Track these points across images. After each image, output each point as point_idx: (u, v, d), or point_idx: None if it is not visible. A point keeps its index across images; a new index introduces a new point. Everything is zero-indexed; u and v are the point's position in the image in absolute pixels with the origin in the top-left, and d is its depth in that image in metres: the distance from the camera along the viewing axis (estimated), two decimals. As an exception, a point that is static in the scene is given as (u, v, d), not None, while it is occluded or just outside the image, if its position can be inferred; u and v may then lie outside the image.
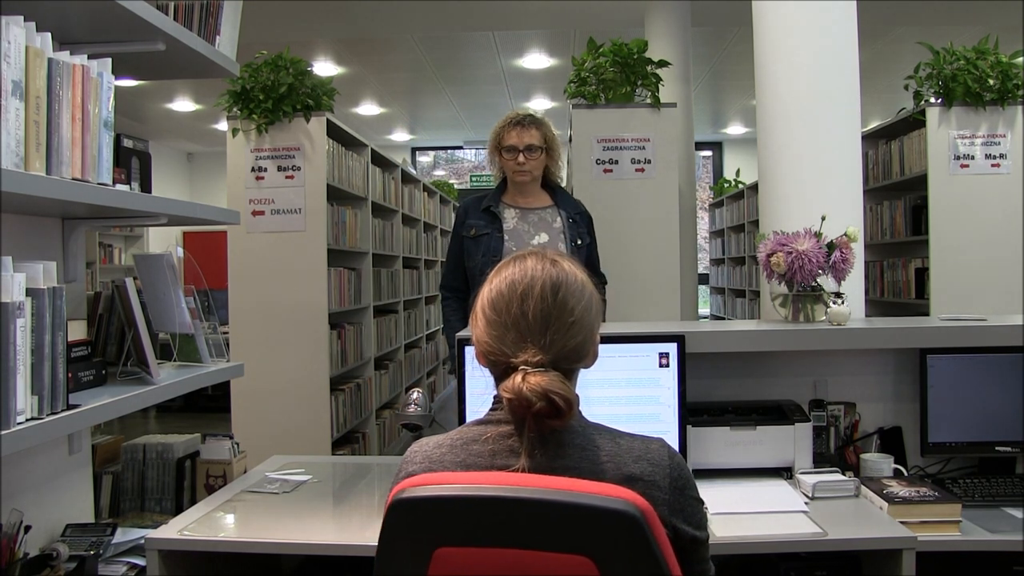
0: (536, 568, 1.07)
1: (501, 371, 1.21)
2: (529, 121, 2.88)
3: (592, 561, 1.05)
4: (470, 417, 1.93)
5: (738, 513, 1.82)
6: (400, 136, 12.34)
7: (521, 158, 2.86)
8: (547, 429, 1.16)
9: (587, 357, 1.25)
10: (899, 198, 4.74)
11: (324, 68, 8.10)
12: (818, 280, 2.30)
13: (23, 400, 1.29)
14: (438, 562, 1.09)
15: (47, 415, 1.34)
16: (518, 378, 1.15)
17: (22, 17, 1.30)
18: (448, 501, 1.10)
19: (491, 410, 1.25)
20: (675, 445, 1.91)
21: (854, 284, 2.50)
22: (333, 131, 4.26)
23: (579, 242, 2.90)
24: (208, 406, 7.12)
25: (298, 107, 4.00)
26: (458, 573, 1.09)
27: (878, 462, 2.09)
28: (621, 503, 1.06)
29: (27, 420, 1.30)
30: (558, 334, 1.19)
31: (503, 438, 1.18)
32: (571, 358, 1.21)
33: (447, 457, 1.20)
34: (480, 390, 1.93)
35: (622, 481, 1.14)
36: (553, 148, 2.93)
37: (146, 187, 1.74)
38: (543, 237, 2.89)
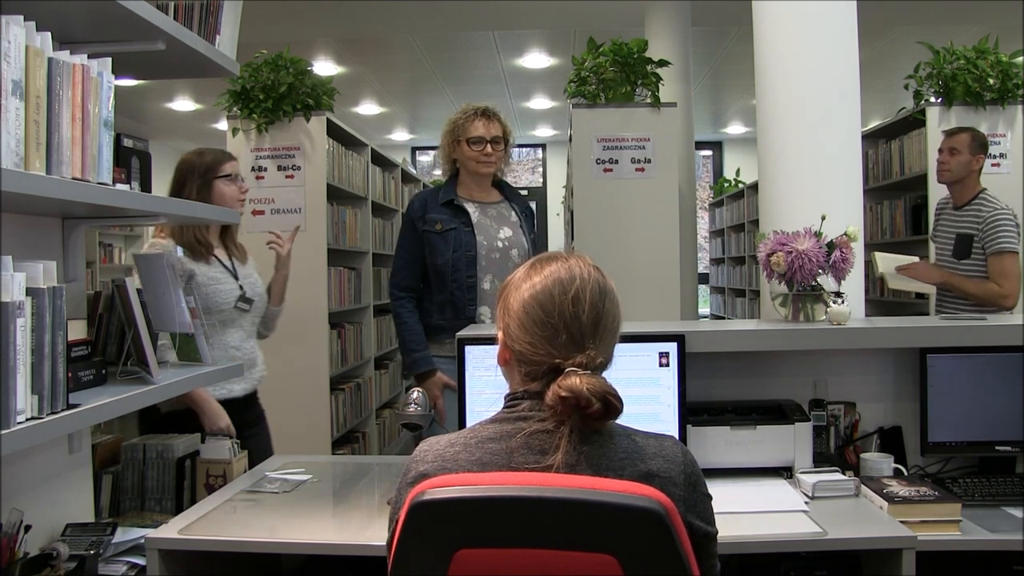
0: (559, 568, 1.07)
1: (543, 371, 1.21)
2: (492, 113, 2.87)
3: (616, 559, 1.05)
4: (471, 417, 1.94)
5: (738, 513, 1.82)
6: (400, 136, 12.34)
7: (488, 149, 2.82)
8: (590, 429, 1.17)
9: (610, 364, 1.26)
10: (899, 198, 4.74)
11: (324, 68, 8.10)
12: (818, 280, 2.30)
13: (23, 400, 1.29)
14: (459, 563, 1.08)
15: (47, 415, 1.34)
16: (575, 379, 1.16)
17: (22, 17, 1.30)
18: (470, 502, 1.09)
19: (507, 408, 1.24)
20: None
21: (854, 284, 2.50)
22: (333, 131, 4.26)
23: (531, 236, 2.94)
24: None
25: (298, 107, 4.00)
26: (480, 574, 1.08)
27: (878, 462, 2.09)
28: (646, 500, 1.06)
29: (27, 420, 1.30)
30: (603, 339, 1.22)
31: (524, 437, 1.18)
32: (607, 363, 1.24)
33: (462, 456, 1.19)
34: (479, 389, 1.94)
35: (639, 478, 1.15)
36: (509, 142, 2.92)
37: (146, 187, 1.74)
38: (506, 231, 2.87)
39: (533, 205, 12.68)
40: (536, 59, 8.36)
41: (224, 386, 2.53)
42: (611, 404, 1.16)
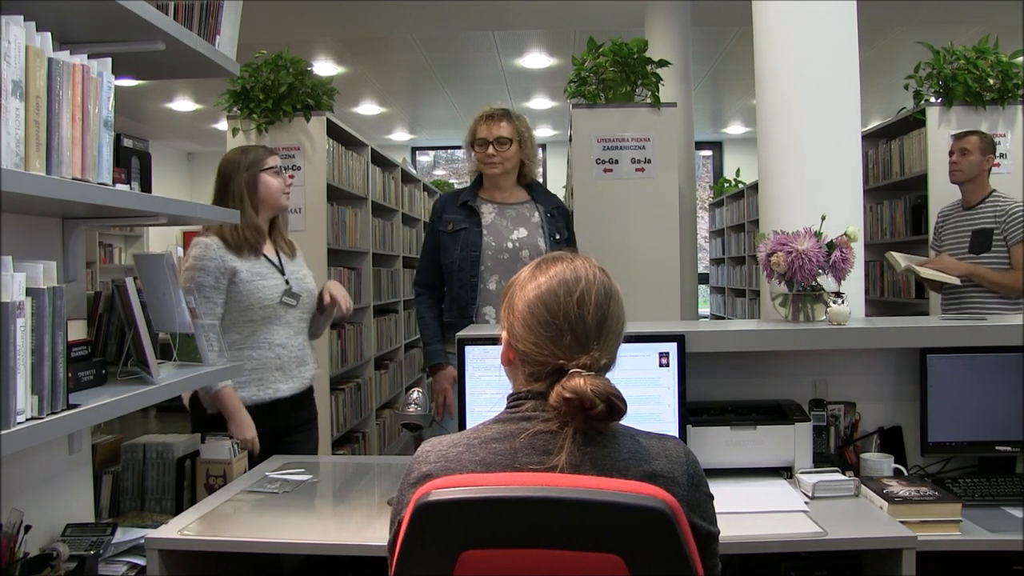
0: (565, 568, 1.07)
1: (547, 371, 1.20)
2: (500, 115, 2.89)
3: (622, 559, 1.05)
4: (470, 417, 1.94)
5: (738, 513, 1.82)
6: (400, 136, 12.34)
7: (491, 150, 2.85)
8: (594, 431, 1.17)
9: (613, 366, 1.26)
10: (899, 198, 4.74)
11: (324, 68, 8.10)
12: (818, 280, 2.30)
13: (23, 400, 1.29)
14: (464, 564, 1.08)
15: (47, 415, 1.34)
16: (579, 380, 1.16)
17: (22, 17, 1.30)
18: (476, 503, 1.08)
19: (510, 409, 1.24)
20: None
21: (854, 284, 2.50)
22: (333, 131, 4.26)
23: (557, 237, 2.91)
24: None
25: (298, 107, 4.00)
26: (485, 575, 1.08)
27: (878, 462, 2.09)
28: (652, 500, 1.06)
29: (27, 420, 1.30)
30: (607, 341, 1.22)
31: (528, 437, 1.18)
32: (611, 365, 1.24)
33: (465, 456, 1.18)
34: (480, 389, 1.94)
35: (643, 478, 1.15)
36: (526, 142, 2.91)
37: (146, 187, 1.74)
38: (521, 232, 2.88)
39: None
40: (536, 59, 8.36)
41: (271, 385, 2.52)
42: (615, 405, 1.16)
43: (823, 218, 2.29)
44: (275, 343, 2.54)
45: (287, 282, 2.57)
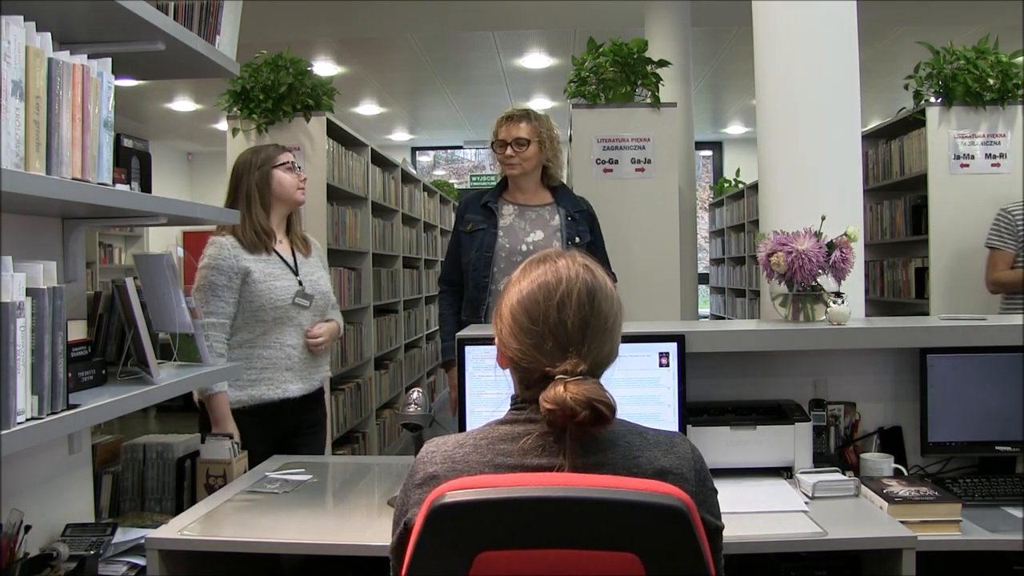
0: (581, 567, 1.07)
1: (535, 378, 1.18)
2: (519, 115, 2.88)
3: (638, 557, 1.06)
4: (470, 417, 1.94)
5: (738, 513, 1.82)
6: (400, 136, 12.34)
7: (509, 151, 2.85)
8: (587, 435, 1.15)
9: (613, 360, 1.24)
10: (899, 198, 4.74)
11: (324, 68, 8.10)
12: (818, 280, 2.30)
13: (23, 400, 1.29)
14: (480, 565, 1.08)
15: (47, 415, 1.34)
16: (559, 388, 1.13)
17: (22, 17, 1.30)
18: (493, 504, 1.08)
19: (514, 409, 1.23)
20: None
21: (854, 284, 2.50)
22: (333, 131, 4.26)
23: (577, 240, 2.88)
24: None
25: (298, 107, 4.00)
26: (501, 575, 1.08)
27: (878, 462, 2.09)
28: (669, 499, 1.07)
29: (27, 420, 1.30)
30: (595, 342, 1.19)
31: (535, 437, 1.17)
32: (603, 364, 1.21)
33: (472, 457, 1.17)
34: (480, 389, 1.94)
35: (654, 475, 1.14)
36: (546, 143, 2.88)
37: (146, 187, 1.74)
38: (538, 235, 2.87)
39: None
40: (536, 59, 8.36)
41: (280, 385, 2.52)
42: (599, 412, 1.12)
43: (823, 218, 2.29)
44: (286, 343, 2.54)
45: (300, 283, 2.57)
